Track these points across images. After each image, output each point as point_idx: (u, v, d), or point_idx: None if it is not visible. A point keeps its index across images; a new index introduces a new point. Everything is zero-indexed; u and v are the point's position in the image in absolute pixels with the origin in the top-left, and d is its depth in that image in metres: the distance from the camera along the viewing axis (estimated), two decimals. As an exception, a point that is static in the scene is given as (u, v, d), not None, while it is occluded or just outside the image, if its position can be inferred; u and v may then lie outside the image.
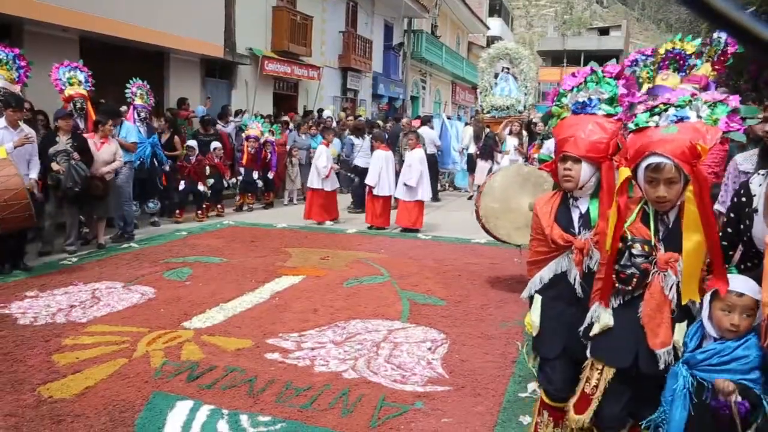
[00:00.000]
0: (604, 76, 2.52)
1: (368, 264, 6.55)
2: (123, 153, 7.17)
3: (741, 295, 2.04)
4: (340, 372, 3.68)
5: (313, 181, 9.06)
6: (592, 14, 68.74)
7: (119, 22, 9.68)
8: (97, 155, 6.71)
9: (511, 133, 10.65)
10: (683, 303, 2.11)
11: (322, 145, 9.33)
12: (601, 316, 2.23)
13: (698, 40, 4.94)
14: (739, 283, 2.08)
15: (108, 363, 3.69)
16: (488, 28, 36.83)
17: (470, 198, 12.20)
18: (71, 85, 7.24)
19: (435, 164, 11.69)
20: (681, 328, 2.15)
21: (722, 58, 4.86)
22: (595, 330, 2.24)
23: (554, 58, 50.98)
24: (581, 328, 2.32)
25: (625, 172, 2.18)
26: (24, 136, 5.77)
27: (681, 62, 4.94)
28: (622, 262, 2.15)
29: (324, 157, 9.00)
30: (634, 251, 2.13)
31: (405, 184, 8.53)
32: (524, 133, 10.54)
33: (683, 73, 4.92)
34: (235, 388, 3.42)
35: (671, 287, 2.11)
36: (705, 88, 4.34)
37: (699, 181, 2.02)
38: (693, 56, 4.96)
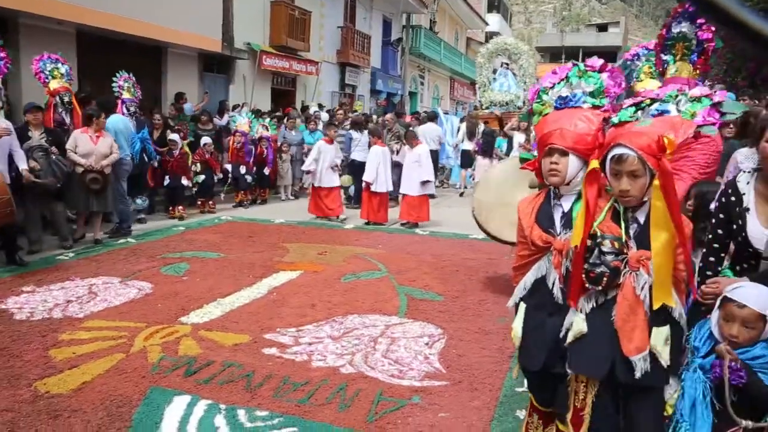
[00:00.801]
0: (586, 71, 2.44)
1: (366, 259, 6.55)
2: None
3: (742, 306, 1.96)
4: (338, 367, 3.68)
5: (316, 177, 8.97)
6: (591, 10, 68.62)
7: (117, 16, 9.63)
8: (95, 149, 6.67)
9: (518, 129, 10.62)
10: (655, 308, 2.01)
11: (321, 141, 9.19)
12: (574, 322, 2.12)
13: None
14: (744, 292, 1.98)
15: (105, 358, 3.69)
16: (487, 24, 36.76)
17: (461, 195, 12.15)
18: (54, 78, 7.09)
19: (436, 160, 11.68)
20: (659, 332, 2.03)
21: (704, 57, 4.74)
22: (569, 338, 2.14)
23: (553, 54, 50.97)
24: (561, 335, 2.21)
25: (593, 164, 2.12)
26: (1, 128, 5.60)
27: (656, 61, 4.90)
28: (591, 260, 2.04)
29: (314, 152, 8.89)
30: (603, 248, 2.03)
31: (422, 182, 8.45)
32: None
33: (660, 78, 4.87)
34: (233, 383, 3.42)
35: (643, 287, 2.01)
36: None
37: (664, 175, 1.93)
38: (654, 48, 4.89)
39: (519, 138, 10.23)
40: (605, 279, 2.02)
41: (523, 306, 2.41)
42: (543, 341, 2.32)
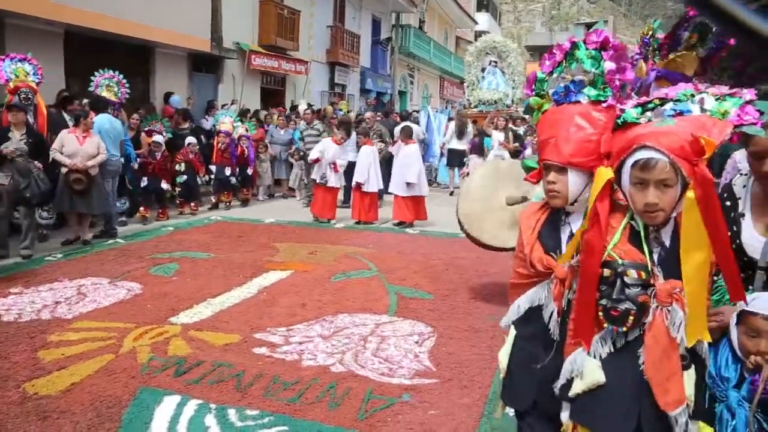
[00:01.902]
0: (587, 49, 1.96)
1: (356, 258, 6.56)
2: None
3: None
4: (328, 366, 3.69)
5: (318, 173, 8.89)
6: (580, 9, 68.92)
7: (105, 16, 9.57)
8: (82, 149, 6.62)
9: (496, 128, 10.68)
10: (689, 345, 1.65)
11: (328, 139, 9.05)
12: (587, 370, 1.71)
13: (657, 22, 4.84)
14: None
15: (94, 359, 3.68)
16: (476, 22, 36.86)
17: (451, 194, 12.18)
18: (17, 77, 6.88)
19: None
20: (690, 377, 1.67)
21: (718, 57, 4.73)
22: (578, 388, 1.72)
23: (542, 53, 50.93)
24: (557, 385, 1.79)
25: (606, 174, 1.70)
26: None
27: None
28: (613, 296, 1.65)
29: (320, 145, 8.78)
30: (627, 280, 1.64)
31: (407, 183, 8.43)
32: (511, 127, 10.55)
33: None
34: (223, 382, 3.42)
35: (679, 327, 1.63)
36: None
37: (703, 185, 1.56)
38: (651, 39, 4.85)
39: (498, 136, 10.27)
40: (631, 318, 1.64)
41: (513, 333, 2.04)
42: (534, 378, 1.92)
